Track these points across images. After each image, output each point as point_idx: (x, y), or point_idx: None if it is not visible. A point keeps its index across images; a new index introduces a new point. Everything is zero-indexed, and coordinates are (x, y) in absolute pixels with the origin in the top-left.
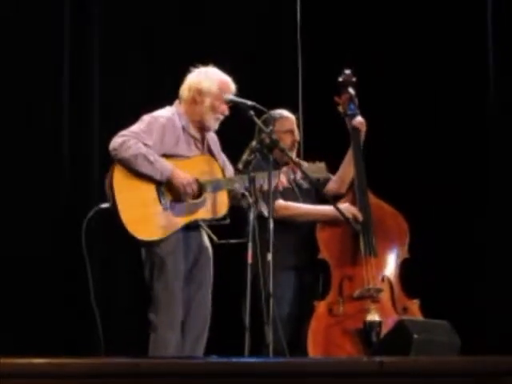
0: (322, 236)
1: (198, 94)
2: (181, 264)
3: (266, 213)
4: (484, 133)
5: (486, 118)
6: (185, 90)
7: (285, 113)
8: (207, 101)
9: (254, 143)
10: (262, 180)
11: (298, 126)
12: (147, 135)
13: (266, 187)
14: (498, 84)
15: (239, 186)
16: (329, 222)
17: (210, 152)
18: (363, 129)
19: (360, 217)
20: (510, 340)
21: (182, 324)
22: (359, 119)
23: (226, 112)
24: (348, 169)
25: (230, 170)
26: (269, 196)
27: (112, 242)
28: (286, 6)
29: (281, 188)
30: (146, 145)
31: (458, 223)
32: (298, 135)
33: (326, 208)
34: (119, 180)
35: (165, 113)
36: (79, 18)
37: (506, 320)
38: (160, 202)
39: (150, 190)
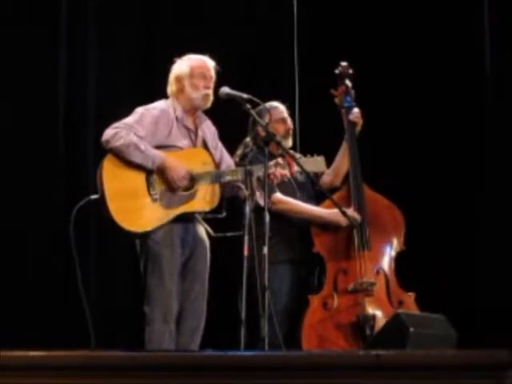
0: (317, 230)
1: (178, 81)
2: (175, 257)
3: (262, 202)
4: (481, 122)
5: (483, 106)
6: (168, 86)
7: (274, 103)
8: (186, 83)
9: (248, 138)
10: (258, 172)
11: (290, 115)
12: (140, 126)
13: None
14: (494, 74)
15: (233, 179)
16: None
17: (205, 144)
18: (359, 122)
19: (359, 218)
20: (507, 333)
21: (178, 317)
22: (356, 112)
23: (209, 86)
24: (342, 161)
25: (227, 162)
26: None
27: (108, 234)
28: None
29: (275, 182)
30: (138, 136)
31: (455, 215)
32: (290, 123)
33: (322, 210)
34: (109, 171)
35: (159, 105)
36: (77, 16)
37: (502, 313)
38: (149, 193)
39: (139, 182)
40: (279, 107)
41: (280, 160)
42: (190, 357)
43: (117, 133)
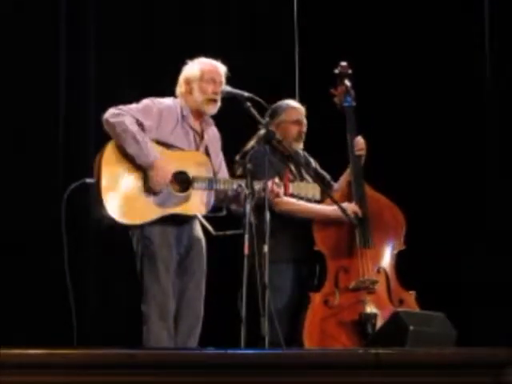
0: (318, 228)
1: (187, 83)
2: (171, 256)
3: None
4: (481, 121)
5: (484, 108)
6: (178, 86)
7: (292, 103)
8: (195, 86)
9: (261, 132)
10: (255, 187)
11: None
12: (142, 115)
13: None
14: (495, 73)
15: (226, 189)
16: None
17: (207, 149)
18: (364, 153)
19: (360, 213)
20: (506, 331)
21: (175, 315)
22: (360, 144)
23: (218, 91)
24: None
25: (224, 172)
26: (259, 201)
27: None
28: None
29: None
30: (139, 123)
31: (456, 214)
32: (304, 126)
33: (326, 208)
34: (109, 158)
35: (166, 101)
36: (76, 16)
37: (502, 312)
38: (145, 188)
39: (137, 174)
40: (296, 108)
41: (277, 180)
42: (190, 355)
43: (119, 114)
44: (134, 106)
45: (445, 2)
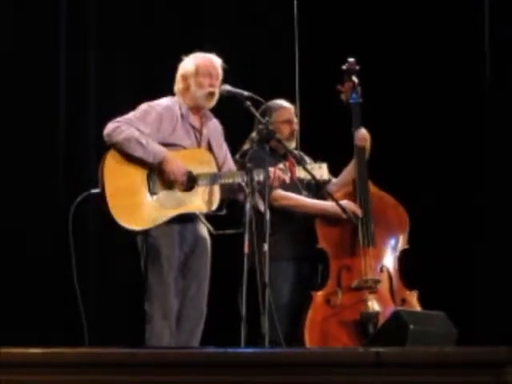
0: (321, 225)
1: (184, 79)
2: (175, 255)
3: (261, 207)
4: (482, 120)
5: (484, 108)
6: (176, 83)
7: (283, 103)
8: (191, 81)
9: (253, 134)
10: (257, 176)
11: (297, 116)
12: (141, 122)
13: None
14: (495, 73)
15: (232, 182)
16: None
17: (209, 144)
18: (367, 145)
19: (360, 213)
20: (507, 330)
21: (178, 314)
22: (362, 134)
23: (214, 83)
24: (349, 179)
25: (230, 163)
26: (264, 190)
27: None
28: None
29: (275, 184)
30: (139, 131)
31: (457, 214)
32: (296, 125)
33: (325, 203)
34: (111, 166)
35: (163, 101)
36: (77, 16)
37: (504, 311)
38: (149, 191)
39: (140, 179)
40: (287, 108)
41: (281, 165)
42: (191, 354)
43: (118, 127)
44: (132, 114)
45: (445, 1)
